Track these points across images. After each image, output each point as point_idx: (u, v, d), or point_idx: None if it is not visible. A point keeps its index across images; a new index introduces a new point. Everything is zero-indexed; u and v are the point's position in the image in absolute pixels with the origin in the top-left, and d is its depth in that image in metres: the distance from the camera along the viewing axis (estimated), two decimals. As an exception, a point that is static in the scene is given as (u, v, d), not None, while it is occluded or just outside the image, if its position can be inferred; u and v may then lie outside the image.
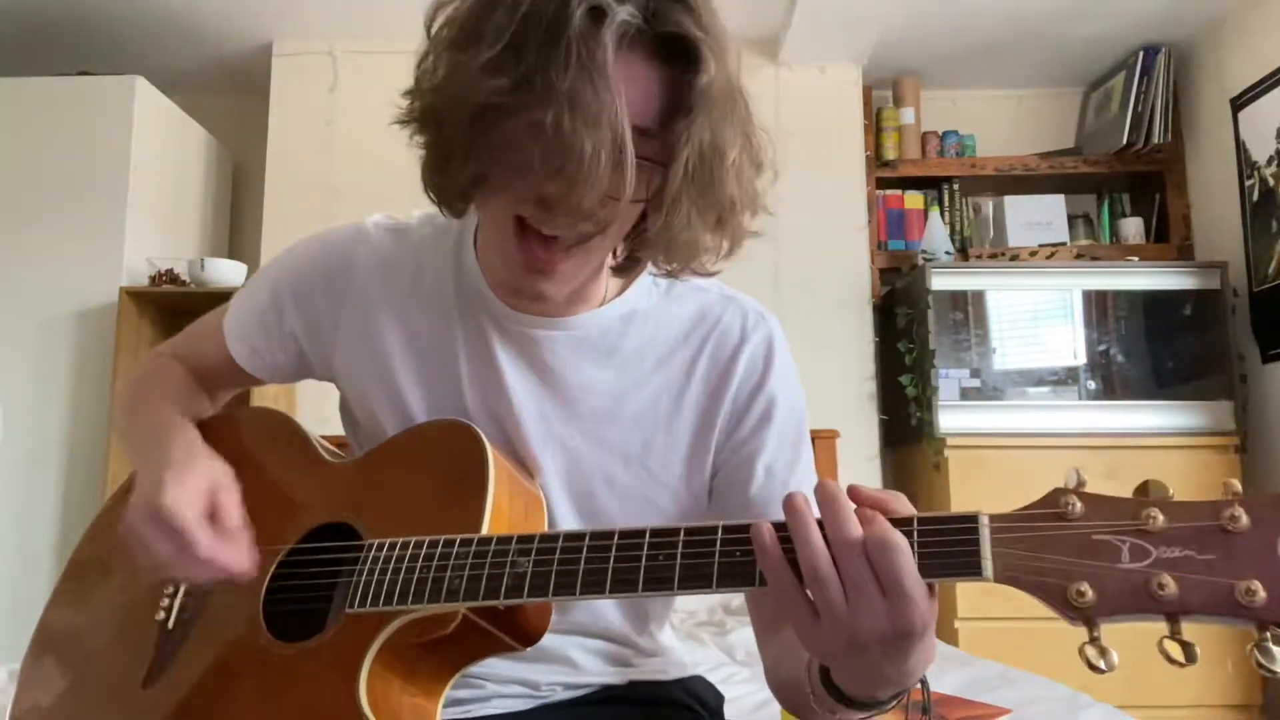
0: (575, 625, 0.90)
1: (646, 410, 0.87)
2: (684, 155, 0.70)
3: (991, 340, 2.91)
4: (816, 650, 0.61)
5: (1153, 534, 0.52)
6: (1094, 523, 0.54)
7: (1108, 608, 0.53)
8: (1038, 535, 0.55)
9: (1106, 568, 0.52)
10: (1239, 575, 0.50)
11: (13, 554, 2.75)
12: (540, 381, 0.87)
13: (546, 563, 0.67)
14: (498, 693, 0.88)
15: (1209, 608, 0.51)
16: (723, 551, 0.63)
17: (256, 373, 0.96)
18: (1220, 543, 0.51)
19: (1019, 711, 1.45)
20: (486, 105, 0.67)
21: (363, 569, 0.74)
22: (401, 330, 0.88)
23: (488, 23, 0.68)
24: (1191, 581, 0.51)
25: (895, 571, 0.55)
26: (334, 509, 0.84)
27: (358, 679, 0.70)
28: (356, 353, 0.90)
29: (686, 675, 1.00)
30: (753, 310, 0.91)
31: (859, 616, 0.56)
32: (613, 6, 0.66)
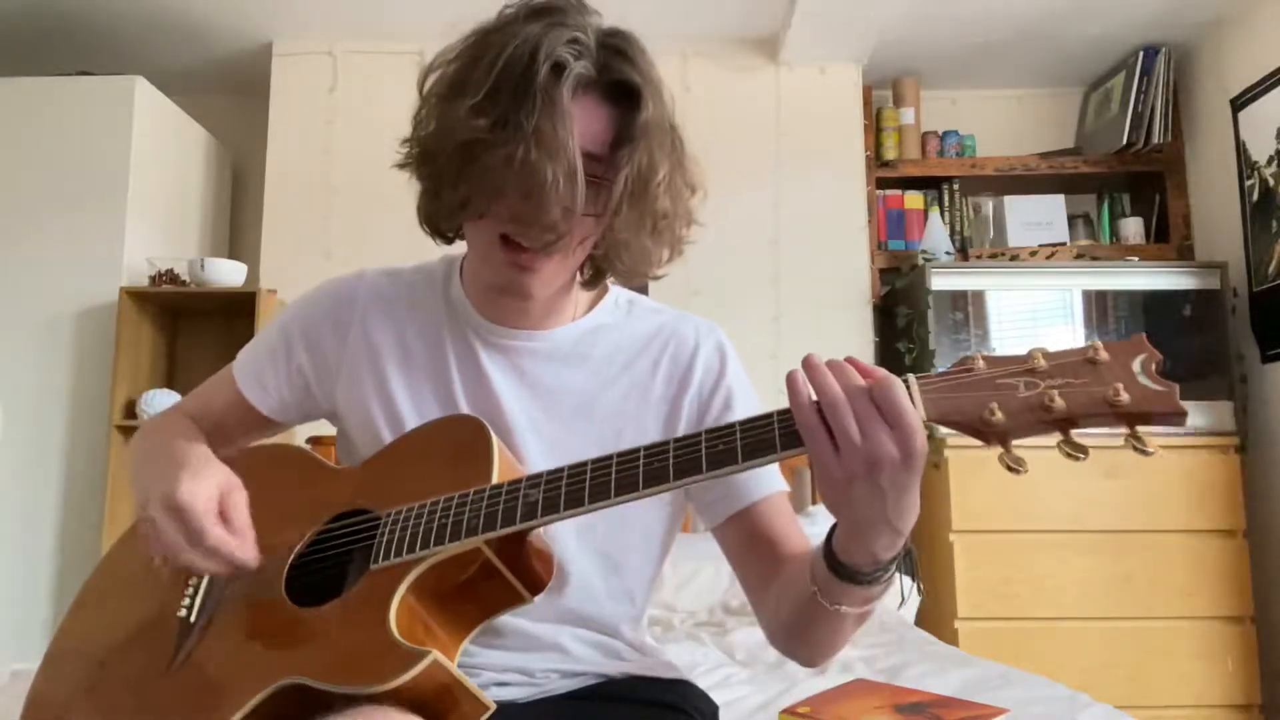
0: (564, 613, 0.95)
1: (617, 406, 0.99)
2: (624, 174, 0.87)
3: (991, 340, 2.91)
4: (835, 480, 0.69)
5: (1040, 372, 0.68)
6: (995, 370, 0.69)
7: (1014, 422, 0.67)
8: (955, 383, 0.69)
9: (1009, 395, 0.67)
10: (1107, 385, 0.66)
11: (13, 554, 2.75)
12: (523, 385, 0.99)
13: (555, 488, 0.76)
14: (495, 680, 0.93)
15: (1089, 410, 0.66)
16: (708, 443, 0.73)
17: (263, 408, 1.04)
18: (1090, 370, 0.67)
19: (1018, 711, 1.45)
20: (470, 141, 0.84)
21: (384, 532, 0.82)
22: (398, 347, 1.01)
23: (470, 77, 0.86)
24: (1074, 395, 0.66)
25: (899, 405, 0.67)
26: (349, 500, 0.90)
27: (387, 614, 0.74)
28: (358, 372, 1.01)
29: (678, 678, 1.04)
30: (703, 324, 1.06)
31: (871, 441, 0.67)
32: (570, 62, 0.84)
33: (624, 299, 1.07)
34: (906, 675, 1.72)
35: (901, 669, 1.78)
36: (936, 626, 2.63)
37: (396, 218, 3.00)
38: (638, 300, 1.08)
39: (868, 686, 1.12)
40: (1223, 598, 2.68)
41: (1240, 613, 2.69)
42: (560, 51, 0.83)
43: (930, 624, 2.63)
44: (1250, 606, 2.69)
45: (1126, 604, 2.66)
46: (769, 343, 3.12)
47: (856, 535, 0.73)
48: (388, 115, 3.39)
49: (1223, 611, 2.68)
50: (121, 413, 2.80)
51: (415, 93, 0.92)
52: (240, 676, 0.78)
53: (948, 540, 2.72)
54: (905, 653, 1.91)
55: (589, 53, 0.86)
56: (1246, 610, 2.69)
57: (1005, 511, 2.69)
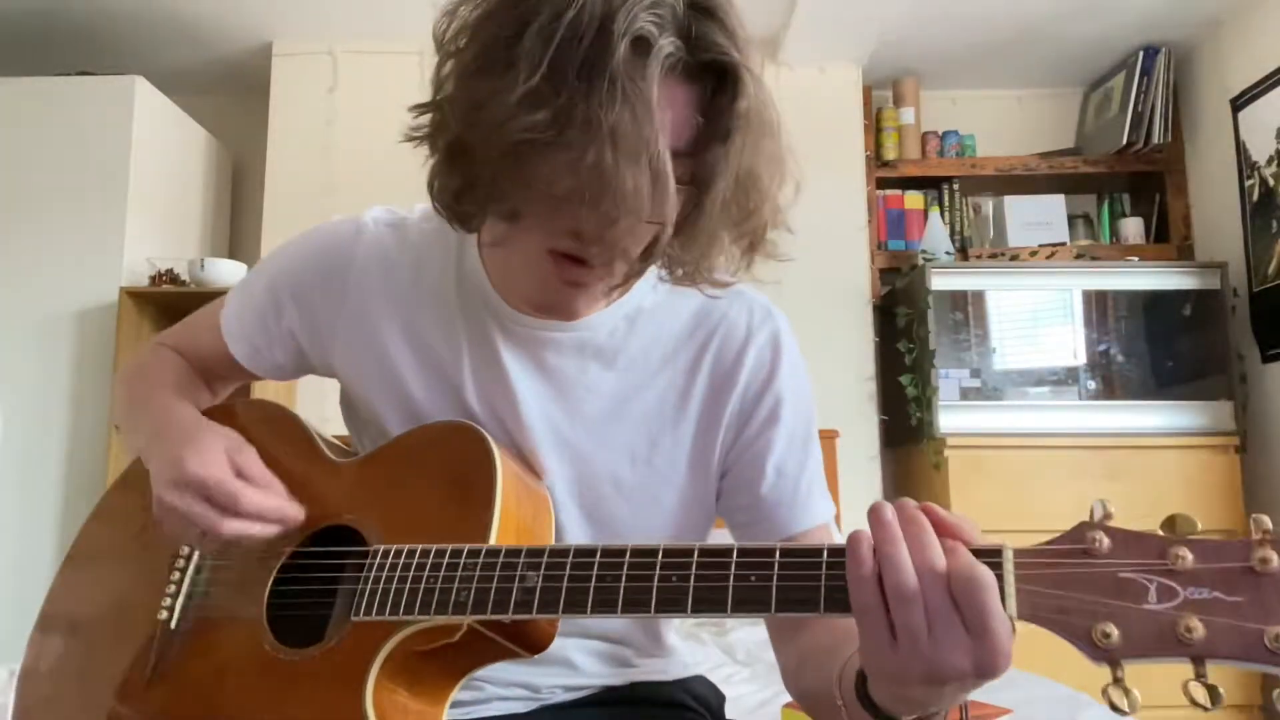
0: (576, 627, 0.89)
1: (651, 410, 0.86)
2: (720, 181, 0.69)
3: (991, 340, 2.91)
4: (883, 673, 0.57)
5: (1180, 574, 0.51)
6: (1120, 560, 0.53)
7: (1133, 649, 0.51)
8: (1062, 572, 0.53)
9: (1133, 608, 0.51)
10: (1268, 620, 0.49)
11: (13, 553, 2.75)
12: (546, 383, 0.86)
13: (557, 578, 0.66)
14: (498, 694, 0.88)
15: (1236, 652, 0.49)
16: (738, 575, 0.61)
17: (257, 370, 0.96)
18: (1250, 585, 0.50)
19: (1019, 711, 1.45)
20: (523, 142, 0.64)
21: (369, 576, 0.73)
22: (403, 331, 0.88)
23: (518, 48, 0.64)
24: (1219, 625, 0.49)
25: (983, 610, 0.52)
26: (338, 511, 0.83)
27: (364, 690, 0.70)
28: (356, 353, 0.89)
29: (688, 675, 1.00)
30: (759, 306, 0.90)
31: (941, 649, 0.53)
32: (656, 36, 0.64)
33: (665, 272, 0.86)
34: (906, 675, 1.72)
35: (901, 669, 1.78)
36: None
37: (396, 218, 3.01)
38: None
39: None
40: (1223, 598, 2.68)
41: (1240, 613, 2.69)
42: (642, 21, 0.64)
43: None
44: (1250, 606, 2.69)
45: (1126, 604, 2.65)
46: (769, 343, 3.12)
47: (899, 705, 0.61)
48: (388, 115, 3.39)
49: (1223, 611, 2.68)
50: (121, 413, 2.79)
51: (417, 95, 0.74)
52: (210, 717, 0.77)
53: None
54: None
55: (675, 20, 0.66)
56: (1246, 610, 2.69)
57: (1005, 511, 2.69)
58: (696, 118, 0.69)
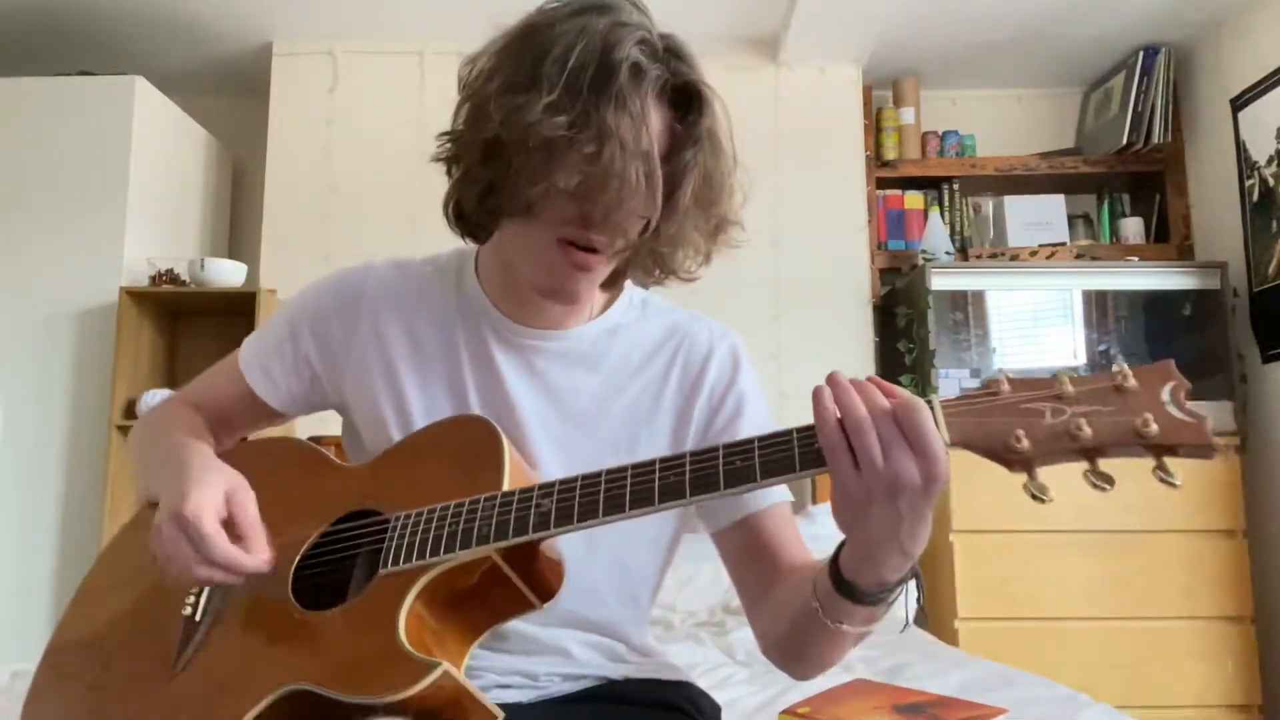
0: (570, 617, 0.94)
1: (629, 410, 0.98)
2: (689, 180, 0.86)
3: (991, 340, 2.91)
4: (853, 500, 0.68)
5: (1067, 397, 0.65)
6: (1021, 394, 0.67)
7: (1040, 450, 0.65)
8: (980, 407, 0.67)
9: (1036, 422, 0.65)
10: (1136, 415, 0.64)
11: (13, 554, 2.75)
12: (536, 385, 0.97)
13: (568, 498, 0.75)
14: (498, 682, 0.93)
15: (1117, 440, 0.64)
16: (726, 461, 0.71)
17: (270, 399, 1.02)
18: (1117, 398, 0.65)
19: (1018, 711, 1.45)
20: (551, 139, 0.80)
21: (393, 535, 0.81)
22: (408, 341, 0.99)
23: (539, 72, 0.82)
24: (1101, 423, 0.64)
25: (923, 429, 0.66)
26: (357, 500, 0.89)
27: (396, 622, 0.74)
28: (367, 365, 0.99)
29: (680, 679, 1.04)
30: (717, 326, 1.06)
31: (894, 465, 0.66)
32: (646, 65, 0.83)
33: (638, 298, 1.05)
34: (906, 675, 1.72)
35: (901, 669, 1.78)
36: (937, 626, 2.63)
37: (396, 217, 3.01)
38: (651, 299, 1.07)
39: (868, 686, 1.12)
40: (1223, 598, 2.68)
41: (1240, 613, 2.69)
42: (635, 52, 0.82)
43: (930, 624, 2.63)
44: (1250, 606, 2.69)
45: (1126, 604, 2.65)
46: (769, 343, 3.12)
47: (867, 556, 0.73)
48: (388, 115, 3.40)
49: (1222, 611, 2.68)
50: (121, 413, 2.80)
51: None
52: (245, 680, 0.78)
53: (948, 540, 2.72)
54: (905, 653, 1.91)
55: (657, 56, 0.84)
56: (1246, 610, 2.69)
57: (1005, 511, 2.69)
58: (672, 130, 0.86)
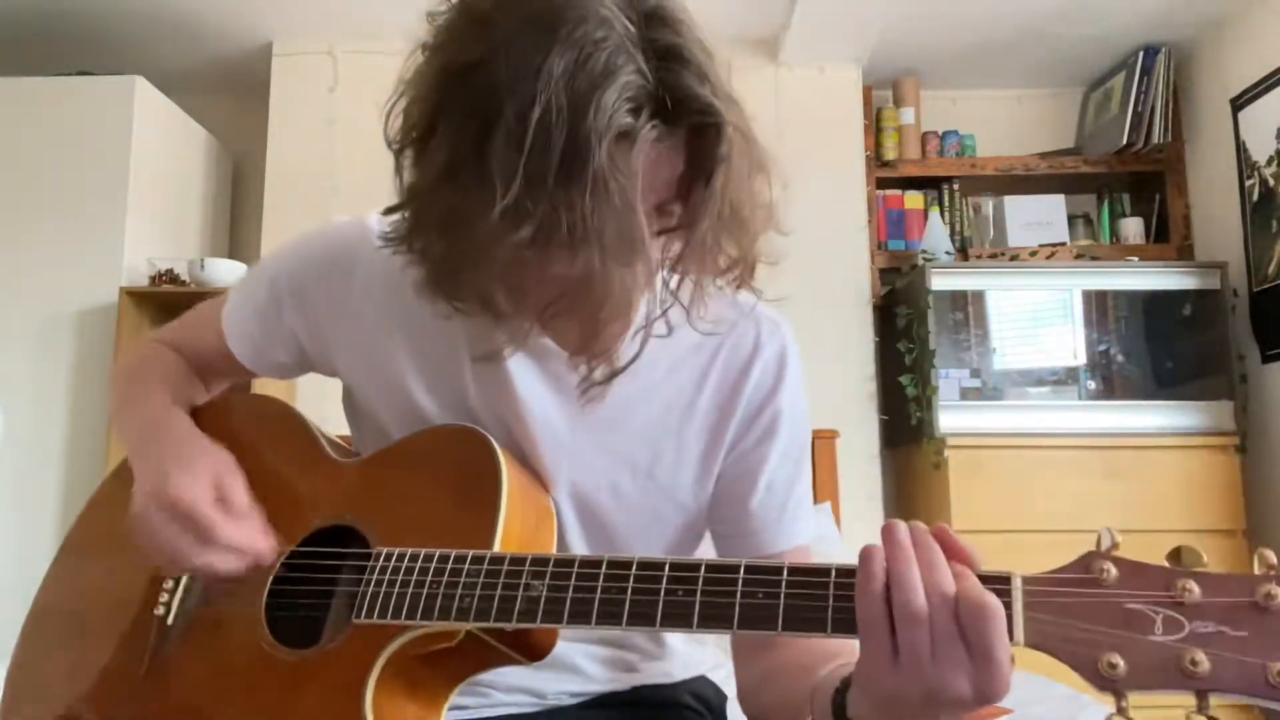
0: (583, 632, 0.89)
1: (655, 420, 0.85)
2: (706, 219, 0.68)
3: (991, 340, 2.90)
4: (879, 692, 0.57)
5: (1186, 607, 0.52)
6: (1127, 591, 0.53)
7: (1138, 680, 0.51)
8: (1069, 601, 0.54)
9: (1139, 639, 0.52)
10: (1272, 655, 0.50)
11: (13, 553, 2.75)
12: (550, 388, 0.84)
13: (561, 588, 0.66)
14: (503, 700, 0.88)
15: (1240, 686, 0.50)
16: (744, 592, 0.61)
17: (258, 369, 0.95)
18: (1255, 620, 0.51)
19: (1019, 711, 1.45)
20: (510, 260, 0.64)
21: (370, 579, 0.73)
22: (405, 334, 0.86)
23: (489, 159, 0.61)
24: (1224, 659, 0.50)
25: (989, 637, 0.53)
26: (339, 510, 0.82)
27: (364, 694, 0.69)
28: (358, 355, 0.88)
29: (691, 676, 1.00)
30: (767, 319, 0.90)
31: (943, 673, 0.54)
32: (636, 124, 0.61)
33: None
34: (907, 675, 1.72)
35: (901, 669, 1.78)
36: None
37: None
38: None
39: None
40: (1223, 598, 2.68)
41: (1240, 613, 2.69)
42: (619, 114, 0.60)
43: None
44: (1250, 606, 2.69)
45: (1126, 604, 2.65)
46: (769, 343, 3.12)
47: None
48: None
49: (1223, 611, 2.68)
50: (121, 413, 2.79)
51: None
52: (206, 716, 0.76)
53: (948, 540, 2.71)
54: (905, 653, 1.91)
55: (648, 92, 0.62)
56: (1246, 610, 2.69)
57: (1005, 511, 2.69)
58: (682, 167, 0.67)
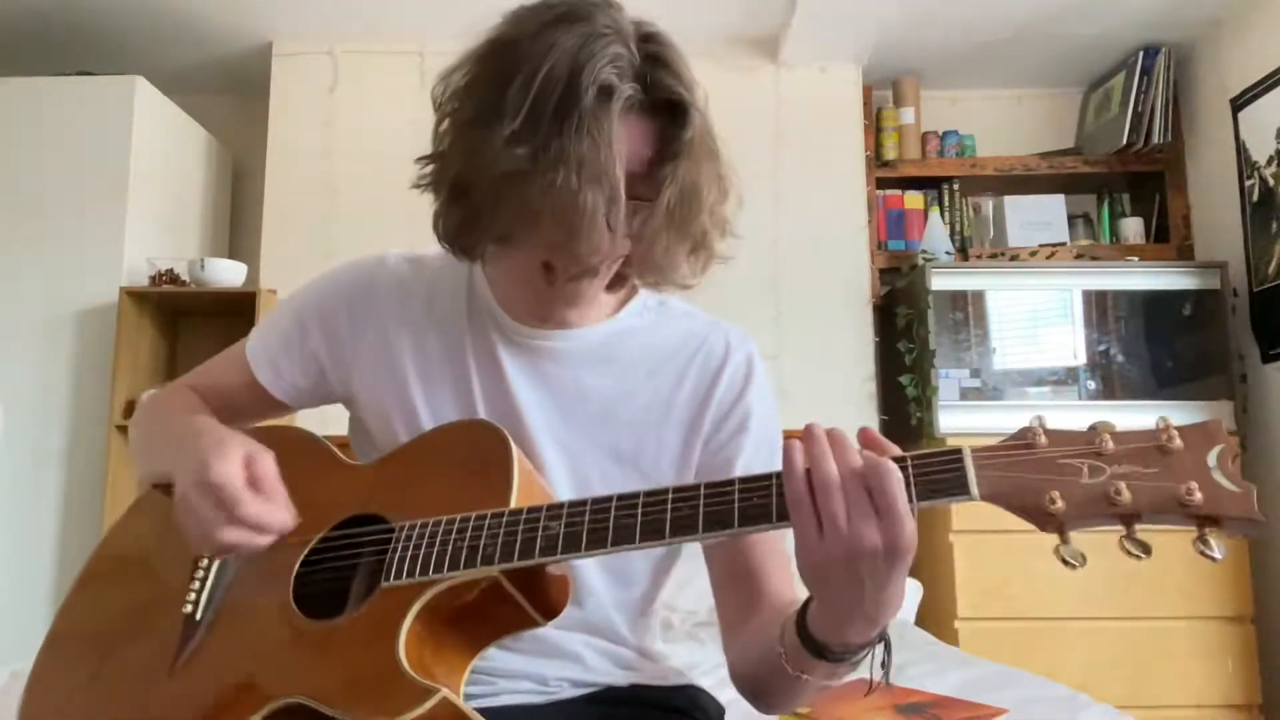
0: (580, 621, 0.95)
1: (638, 416, 0.96)
2: (667, 194, 0.83)
3: (991, 340, 2.91)
4: (813, 562, 0.67)
5: (1106, 455, 0.62)
6: (1057, 449, 0.63)
7: (1076, 513, 0.61)
8: (1012, 460, 0.64)
9: (1073, 481, 0.62)
10: (1179, 481, 0.60)
11: (13, 554, 2.75)
12: (543, 387, 0.96)
13: (577, 524, 0.73)
14: (508, 689, 0.92)
15: (1158, 507, 0.60)
16: (741, 497, 0.70)
17: (276, 391, 1.02)
18: (1161, 459, 0.61)
19: (1018, 711, 1.45)
20: (510, 173, 0.79)
21: (397, 547, 0.79)
22: (416, 349, 0.97)
23: (503, 98, 0.79)
24: (1142, 488, 0.60)
25: (890, 494, 0.63)
26: (361, 503, 0.88)
27: (397, 641, 0.73)
28: (375, 369, 0.98)
29: (685, 684, 1.04)
30: (735, 334, 1.03)
31: (858, 531, 0.64)
32: (616, 84, 0.78)
33: (653, 301, 1.03)
34: (906, 675, 1.72)
35: (901, 669, 1.78)
36: (936, 626, 2.63)
37: (397, 217, 3.01)
38: (669, 303, 1.04)
39: (868, 686, 1.12)
40: (1223, 598, 2.68)
41: (1240, 613, 2.69)
42: (605, 73, 0.78)
43: (930, 624, 2.63)
44: (1250, 606, 2.69)
45: (1126, 604, 2.65)
46: (769, 343, 3.12)
47: (830, 617, 0.71)
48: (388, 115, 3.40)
49: (1223, 611, 2.68)
50: (121, 413, 2.79)
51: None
52: (244, 688, 0.78)
53: (948, 540, 2.71)
54: (905, 653, 1.91)
55: (633, 69, 0.81)
56: (1246, 610, 2.69)
57: (1005, 511, 2.69)
58: (652, 145, 0.83)
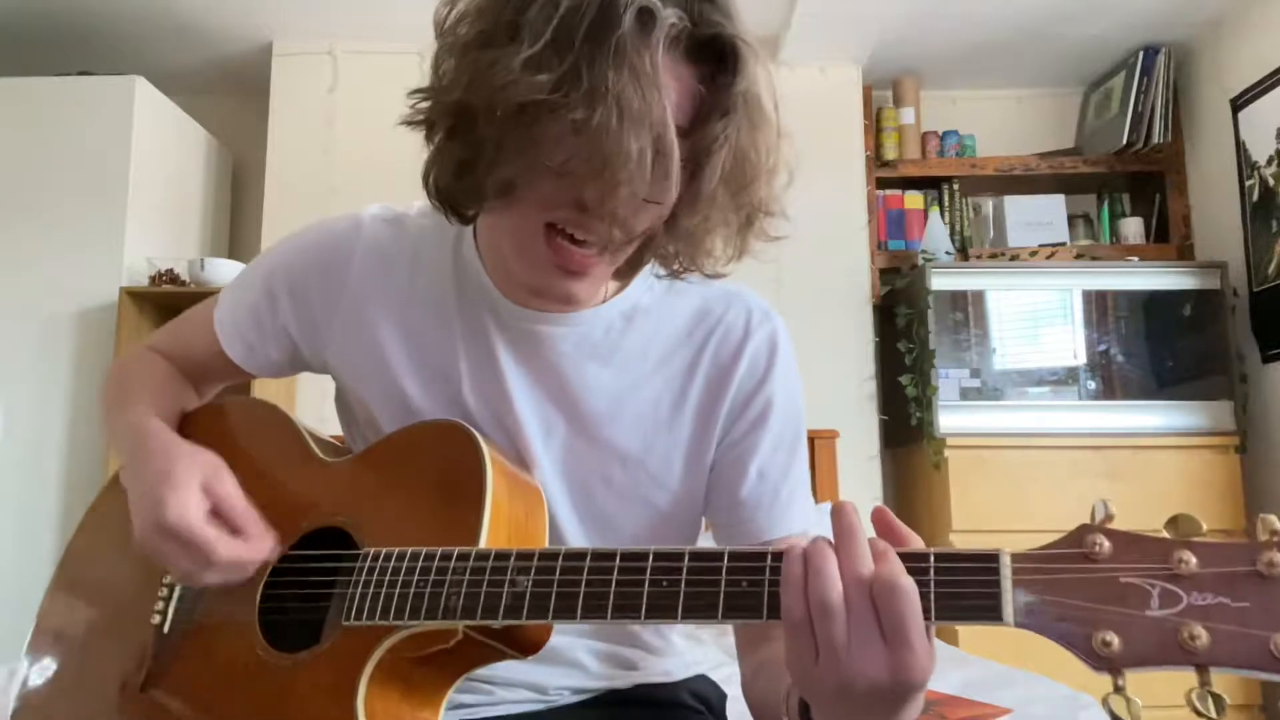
0: (587, 628, 0.89)
1: (646, 411, 0.85)
2: (720, 157, 0.69)
3: (991, 340, 2.90)
4: (805, 687, 0.58)
5: (1184, 578, 0.49)
6: (1121, 564, 0.50)
7: (1135, 657, 0.49)
8: (1062, 577, 0.51)
9: (1134, 615, 0.49)
10: (1275, 627, 0.47)
11: (13, 554, 2.75)
12: (541, 380, 0.85)
13: (546, 583, 0.65)
14: (504, 698, 0.88)
15: (1241, 660, 0.48)
16: (729, 580, 0.60)
17: (251, 368, 0.94)
18: (1255, 589, 0.48)
19: (1019, 711, 1.45)
20: (527, 103, 0.64)
21: (358, 579, 0.72)
22: (399, 328, 0.86)
23: (523, 20, 0.65)
24: (1224, 633, 0.48)
25: (900, 617, 0.53)
26: (329, 512, 0.82)
27: (355, 696, 0.69)
28: (351, 350, 0.88)
29: (691, 675, 1.00)
30: (757, 308, 0.90)
31: (856, 659, 0.53)
32: (658, 10, 0.64)
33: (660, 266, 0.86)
34: (907, 675, 1.72)
35: (902, 669, 1.78)
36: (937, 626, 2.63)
37: (396, 218, 3.01)
38: None
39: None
40: (1223, 598, 2.68)
41: (1240, 613, 2.69)
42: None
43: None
44: (1250, 606, 2.69)
45: (1126, 604, 2.65)
46: (769, 343, 3.12)
47: None
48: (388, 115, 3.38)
49: (1223, 611, 2.68)
50: (121, 413, 2.79)
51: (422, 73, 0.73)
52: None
53: (948, 540, 2.71)
54: (905, 653, 1.91)
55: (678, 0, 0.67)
56: (1246, 610, 2.69)
57: (1005, 511, 2.69)
58: (697, 94, 0.68)
